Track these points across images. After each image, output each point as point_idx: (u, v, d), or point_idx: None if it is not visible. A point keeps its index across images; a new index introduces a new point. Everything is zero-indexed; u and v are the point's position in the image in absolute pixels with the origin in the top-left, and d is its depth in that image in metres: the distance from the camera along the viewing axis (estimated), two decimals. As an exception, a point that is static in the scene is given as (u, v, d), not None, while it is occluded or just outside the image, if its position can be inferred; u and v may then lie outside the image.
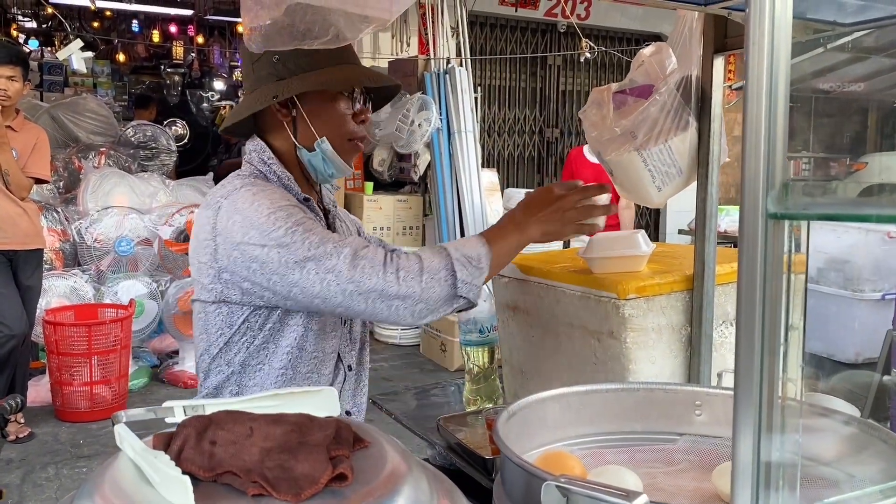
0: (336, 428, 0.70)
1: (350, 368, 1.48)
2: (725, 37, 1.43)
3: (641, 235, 1.56)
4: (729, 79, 1.59)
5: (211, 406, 0.76)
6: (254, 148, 1.41)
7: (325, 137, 1.36)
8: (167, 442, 0.68)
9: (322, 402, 0.80)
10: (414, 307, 1.22)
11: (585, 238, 1.66)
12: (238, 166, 1.45)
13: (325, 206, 1.50)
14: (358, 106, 1.40)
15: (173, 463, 0.64)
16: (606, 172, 1.61)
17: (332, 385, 1.43)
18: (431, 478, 0.73)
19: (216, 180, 6.48)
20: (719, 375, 1.37)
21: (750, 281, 0.59)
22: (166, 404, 0.78)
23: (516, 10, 7.57)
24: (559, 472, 0.81)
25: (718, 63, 1.45)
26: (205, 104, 10.72)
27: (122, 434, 0.70)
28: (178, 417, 0.77)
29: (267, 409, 0.75)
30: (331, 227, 1.47)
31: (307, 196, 1.40)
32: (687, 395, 1.13)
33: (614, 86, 1.54)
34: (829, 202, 0.59)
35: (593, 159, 4.74)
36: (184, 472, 0.63)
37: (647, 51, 1.52)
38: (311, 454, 0.65)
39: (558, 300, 1.56)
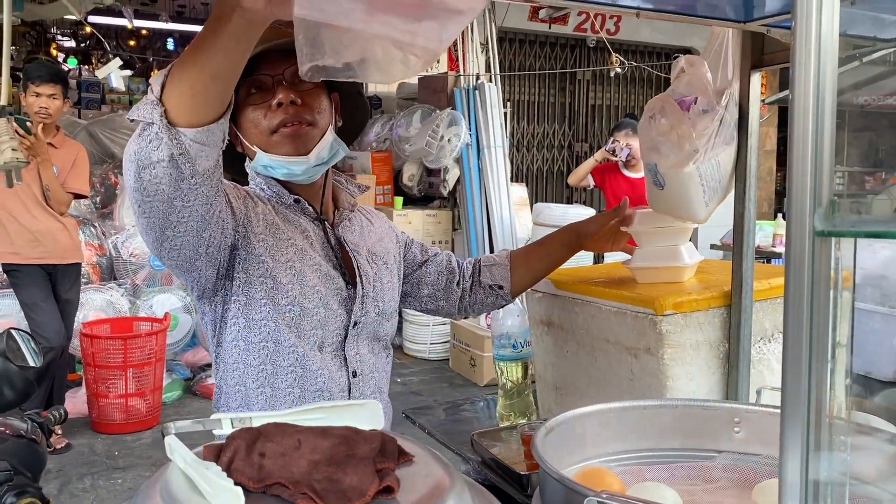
0: (381, 441, 0.71)
1: (355, 374, 1.38)
2: (762, 53, 1.43)
3: (686, 247, 1.56)
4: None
5: (258, 419, 0.77)
6: (250, 166, 1.43)
7: (256, 147, 1.34)
8: (217, 453, 0.70)
9: (366, 416, 0.81)
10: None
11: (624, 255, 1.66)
12: None
13: (338, 207, 1.48)
14: (275, 97, 1.32)
15: (224, 474, 0.65)
16: (643, 187, 1.59)
17: (331, 387, 1.36)
18: (474, 492, 0.74)
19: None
20: (758, 392, 1.35)
21: (797, 298, 0.59)
22: (214, 416, 0.80)
23: (549, 27, 7.58)
24: (598, 488, 0.81)
25: (755, 79, 1.45)
26: (237, 120, 10.86)
27: (173, 445, 0.72)
28: (226, 429, 0.78)
29: (312, 422, 0.77)
30: (334, 226, 1.44)
31: (297, 198, 1.40)
32: (726, 411, 1.13)
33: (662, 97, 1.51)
34: (878, 219, 0.59)
35: (629, 174, 4.68)
36: (234, 484, 0.64)
37: (682, 62, 1.51)
38: (358, 467, 0.66)
39: (594, 315, 1.55)
